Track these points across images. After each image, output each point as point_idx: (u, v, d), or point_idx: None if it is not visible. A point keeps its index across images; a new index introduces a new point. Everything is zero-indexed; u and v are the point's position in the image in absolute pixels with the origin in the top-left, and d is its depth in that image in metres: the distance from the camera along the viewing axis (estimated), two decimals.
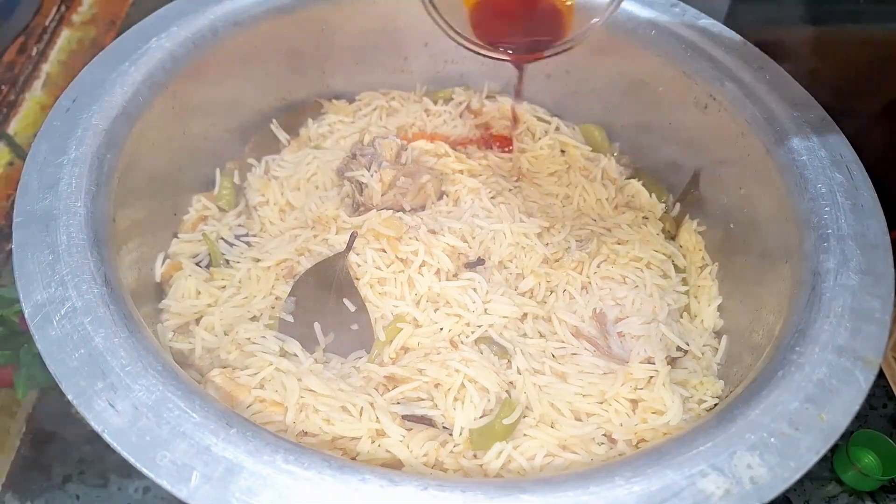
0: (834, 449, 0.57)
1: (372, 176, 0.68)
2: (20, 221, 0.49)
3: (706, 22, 0.70)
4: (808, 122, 0.62)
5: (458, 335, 0.60)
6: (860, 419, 0.71)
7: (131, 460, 0.39)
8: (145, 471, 0.39)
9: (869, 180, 0.58)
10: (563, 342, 0.61)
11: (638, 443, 0.56)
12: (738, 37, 0.69)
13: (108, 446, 0.40)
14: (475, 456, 0.54)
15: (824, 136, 0.61)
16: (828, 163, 0.59)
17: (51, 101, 0.92)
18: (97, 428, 0.40)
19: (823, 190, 0.57)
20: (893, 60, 1.36)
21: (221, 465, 0.39)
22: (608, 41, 0.73)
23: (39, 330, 0.44)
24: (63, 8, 1.02)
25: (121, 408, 0.41)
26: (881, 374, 0.77)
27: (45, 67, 0.96)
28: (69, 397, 0.42)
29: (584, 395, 0.57)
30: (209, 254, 0.67)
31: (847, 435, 0.68)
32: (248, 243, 0.68)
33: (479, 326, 0.61)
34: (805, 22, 1.35)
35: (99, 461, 0.65)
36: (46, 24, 1.00)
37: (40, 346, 0.44)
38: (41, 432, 0.67)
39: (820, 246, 0.54)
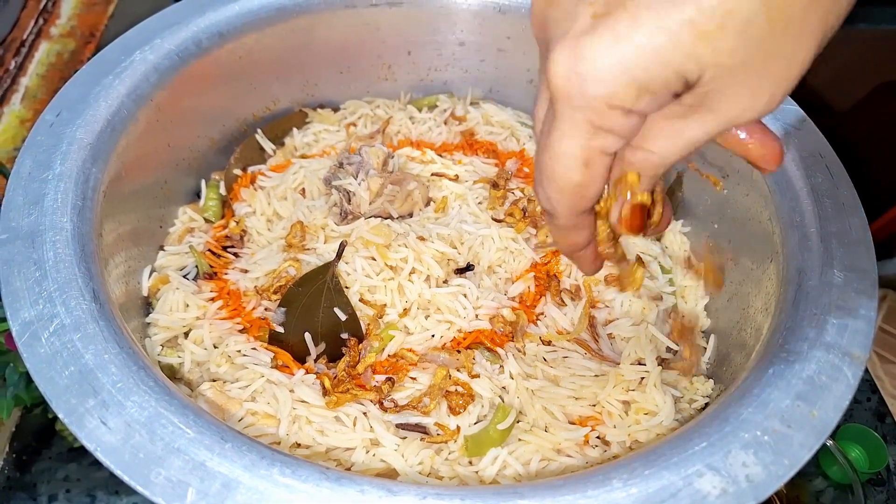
0: None
1: (360, 184, 0.68)
2: (5, 238, 0.48)
3: None
4: (788, 122, 0.63)
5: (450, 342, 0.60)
6: (845, 413, 0.72)
7: (125, 479, 0.39)
8: (140, 489, 0.39)
9: (849, 179, 0.59)
10: (553, 346, 0.61)
11: (631, 444, 0.56)
12: None
13: (93, 463, 0.40)
14: (470, 463, 0.54)
15: (804, 136, 0.62)
16: (809, 162, 0.60)
17: (30, 115, 0.91)
18: (90, 446, 0.40)
19: (805, 189, 0.58)
20: (865, 58, 1.39)
21: (217, 480, 0.39)
22: None
23: (28, 348, 0.43)
24: (41, 21, 1.01)
25: (113, 425, 0.41)
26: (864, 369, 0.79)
27: (24, 81, 0.94)
28: (60, 416, 0.41)
29: (576, 398, 0.57)
30: (196, 266, 0.66)
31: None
32: (235, 254, 0.68)
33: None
34: None
35: (85, 478, 0.64)
36: (24, 37, 0.99)
37: (29, 365, 0.43)
38: (25, 451, 0.66)
39: (804, 244, 0.55)
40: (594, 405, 0.58)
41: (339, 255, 0.64)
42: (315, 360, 0.60)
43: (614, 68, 0.27)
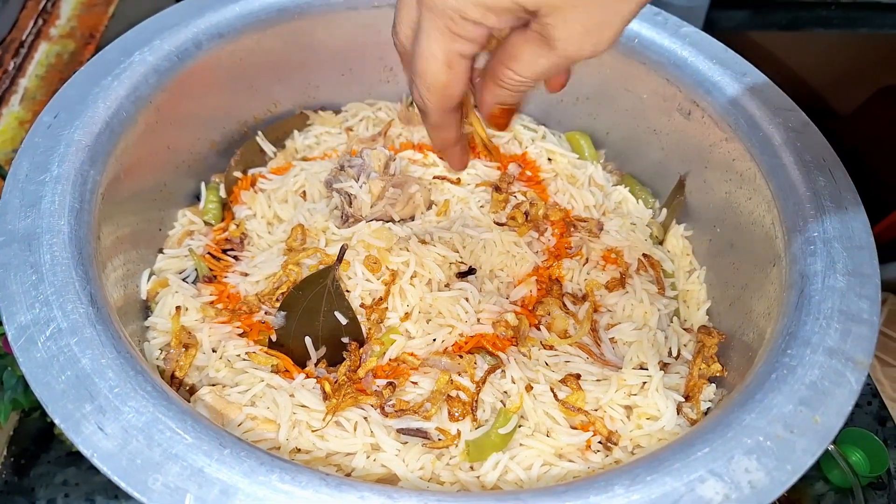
0: None
1: (361, 187, 0.67)
2: (2, 241, 0.48)
3: (688, 30, 0.71)
4: (791, 126, 0.63)
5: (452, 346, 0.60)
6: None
7: (122, 485, 0.38)
8: (137, 495, 0.38)
9: (851, 183, 0.59)
10: (555, 350, 0.61)
11: (634, 449, 0.56)
12: (719, 44, 0.70)
13: (92, 467, 0.39)
14: (472, 468, 0.53)
15: (807, 139, 0.62)
16: (811, 166, 0.60)
17: (29, 116, 0.90)
18: (86, 452, 0.39)
19: (808, 193, 0.58)
20: (867, 62, 1.39)
21: (216, 487, 0.39)
22: None
23: (24, 352, 0.43)
24: (40, 21, 1.01)
25: (110, 431, 0.40)
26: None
27: (23, 82, 0.94)
28: (56, 421, 0.40)
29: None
30: (196, 269, 0.66)
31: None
32: (235, 257, 0.68)
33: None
34: (778, 28, 1.38)
35: (84, 483, 0.64)
36: (23, 38, 0.98)
37: (25, 370, 0.42)
38: (23, 455, 0.65)
39: (807, 249, 0.54)
40: (596, 410, 0.57)
41: (340, 258, 0.64)
42: (315, 365, 0.59)
43: None
